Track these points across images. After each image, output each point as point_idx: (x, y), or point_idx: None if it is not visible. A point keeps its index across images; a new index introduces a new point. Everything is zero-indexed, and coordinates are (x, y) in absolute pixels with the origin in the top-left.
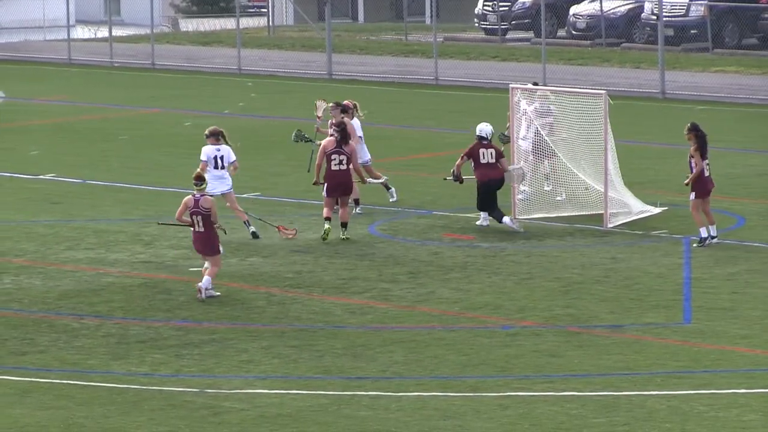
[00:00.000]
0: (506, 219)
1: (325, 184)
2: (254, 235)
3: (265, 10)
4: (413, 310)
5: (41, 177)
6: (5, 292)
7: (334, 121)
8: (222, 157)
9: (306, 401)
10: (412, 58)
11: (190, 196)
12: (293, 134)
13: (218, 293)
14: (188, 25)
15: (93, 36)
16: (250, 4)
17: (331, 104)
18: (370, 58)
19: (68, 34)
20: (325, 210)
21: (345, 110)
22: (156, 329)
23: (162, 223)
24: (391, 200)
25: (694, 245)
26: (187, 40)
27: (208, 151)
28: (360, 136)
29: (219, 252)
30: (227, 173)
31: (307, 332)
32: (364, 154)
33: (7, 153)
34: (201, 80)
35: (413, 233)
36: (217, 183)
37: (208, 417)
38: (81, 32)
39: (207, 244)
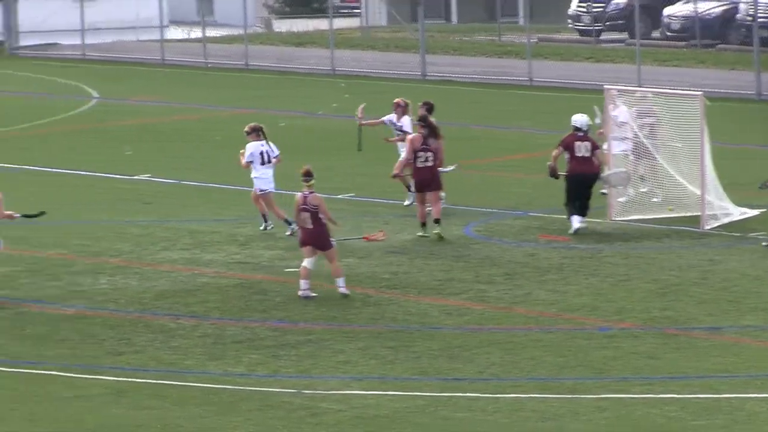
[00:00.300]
0: (575, 219)
1: (413, 181)
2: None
3: (359, 10)
4: (510, 312)
5: (136, 177)
6: (101, 292)
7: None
8: (268, 152)
9: (403, 402)
10: (506, 58)
11: (299, 193)
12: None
13: (315, 294)
14: (281, 25)
15: (186, 36)
16: (343, 4)
17: (419, 103)
18: (464, 59)
19: (161, 35)
20: (418, 212)
21: (430, 109)
22: (252, 330)
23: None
24: (406, 203)
25: (763, 244)
26: (280, 41)
27: (253, 148)
28: (408, 134)
29: (333, 245)
30: (272, 172)
31: (403, 333)
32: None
33: (102, 153)
34: (294, 81)
35: (509, 234)
36: (263, 182)
37: (306, 418)
38: (174, 33)
39: (320, 239)
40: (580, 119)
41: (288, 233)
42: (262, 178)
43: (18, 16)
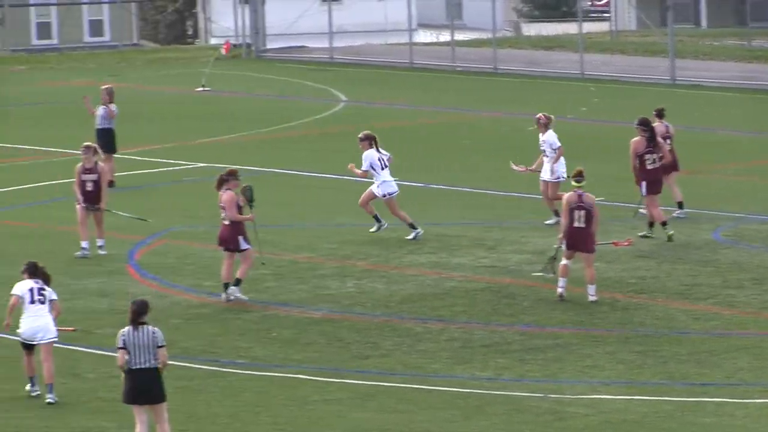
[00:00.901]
0: None
1: (644, 183)
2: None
3: (608, 14)
4: (759, 317)
5: None
6: (348, 296)
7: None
8: (382, 158)
9: (650, 407)
10: (756, 64)
11: (571, 192)
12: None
13: (564, 296)
14: (530, 29)
15: (435, 40)
16: (593, 8)
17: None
18: (714, 64)
19: (410, 38)
20: (656, 214)
21: (660, 114)
22: (500, 333)
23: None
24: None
25: None
26: (529, 45)
27: (374, 155)
28: (559, 147)
29: (595, 249)
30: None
31: (651, 338)
32: (560, 169)
33: (350, 157)
34: (543, 84)
35: (757, 239)
36: (389, 186)
37: (553, 422)
38: (423, 36)
39: (589, 240)
40: None
41: (411, 237)
42: (387, 181)
43: (265, 19)
